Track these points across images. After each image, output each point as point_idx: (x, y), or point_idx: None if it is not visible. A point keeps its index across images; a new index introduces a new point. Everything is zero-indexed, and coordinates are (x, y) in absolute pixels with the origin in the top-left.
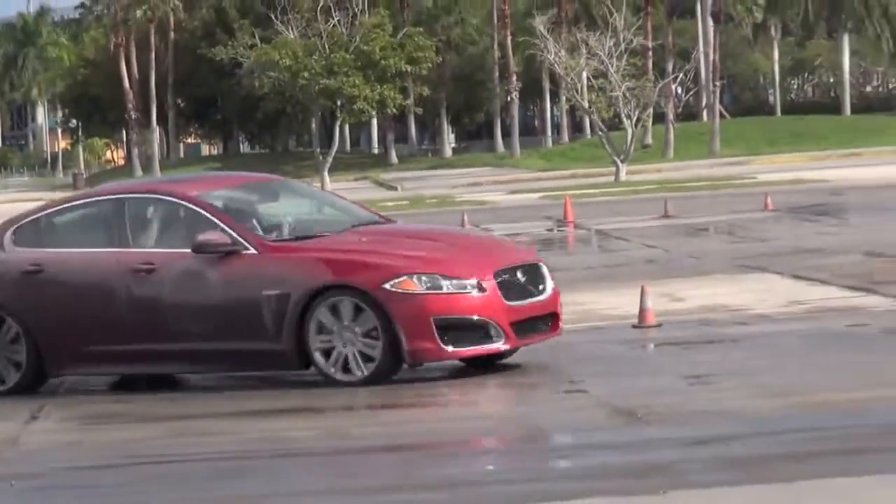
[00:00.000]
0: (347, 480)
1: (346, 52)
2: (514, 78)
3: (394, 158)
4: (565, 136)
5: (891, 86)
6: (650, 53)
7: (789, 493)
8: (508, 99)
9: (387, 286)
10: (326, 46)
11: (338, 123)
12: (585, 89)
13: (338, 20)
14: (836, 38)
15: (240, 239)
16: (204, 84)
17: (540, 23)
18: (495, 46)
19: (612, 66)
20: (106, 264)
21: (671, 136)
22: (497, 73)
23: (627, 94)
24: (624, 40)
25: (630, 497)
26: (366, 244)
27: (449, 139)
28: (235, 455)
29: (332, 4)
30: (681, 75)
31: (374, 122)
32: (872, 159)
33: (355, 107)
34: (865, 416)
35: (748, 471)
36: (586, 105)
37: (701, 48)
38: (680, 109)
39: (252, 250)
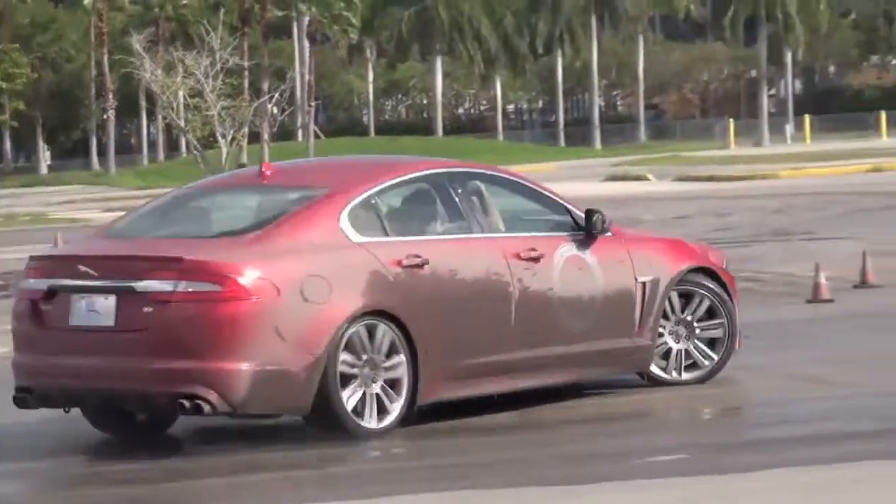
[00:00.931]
0: None
1: None
2: (111, 96)
3: None
4: (161, 154)
5: (482, 108)
6: (246, 73)
7: None
8: (105, 117)
9: (726, 269)
10: None
11: None
12: (182, 108)
13: None
14: (430, 60)
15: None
16: None
17: (137, 41)
18: (92, 64)
19: (208, 85)
20: (488, 253)
21: (266, 155)
22: (94, 91)
23: (223, 114)
24: (220, 60)
25: None
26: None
27: (45, 157)
28: None
29: None
30: (276, 95)
31: None
32: None
33: None
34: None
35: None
36: (182, 124)
37: (297, 68)
38: (275, 129)
39: (607, 231)
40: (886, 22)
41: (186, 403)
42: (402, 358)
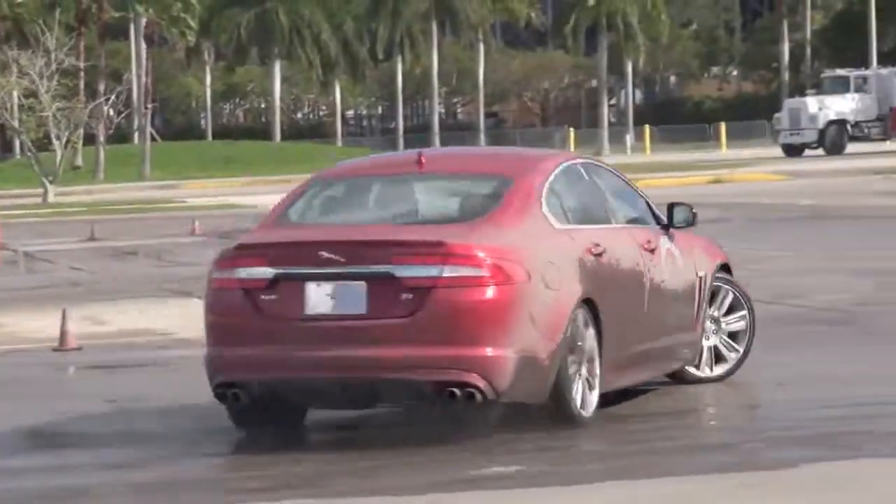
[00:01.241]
0: None
1: None
2: None
3: None
4: None
5: (321, 113)
6: (82, 74)
7: None
8: None
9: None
10: None
11: None
12: (16, 108)
13: None
14: (269, 64)
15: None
16: None
17: None
18: None
19: (42, 85)
20: (630, 243)
21: (102, 157)
22: None
23: (58, 115)
24: (56, 60)
25: None
26: None
27: None
28: None
29: None
30: (113, 97)
31: None
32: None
33: None
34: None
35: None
36: (16, 124)
37: (134, 70)
38: (111, 131)
39: (694, 225)
40: (727, 33)
41: (458, 392)
42: (596, 346)
